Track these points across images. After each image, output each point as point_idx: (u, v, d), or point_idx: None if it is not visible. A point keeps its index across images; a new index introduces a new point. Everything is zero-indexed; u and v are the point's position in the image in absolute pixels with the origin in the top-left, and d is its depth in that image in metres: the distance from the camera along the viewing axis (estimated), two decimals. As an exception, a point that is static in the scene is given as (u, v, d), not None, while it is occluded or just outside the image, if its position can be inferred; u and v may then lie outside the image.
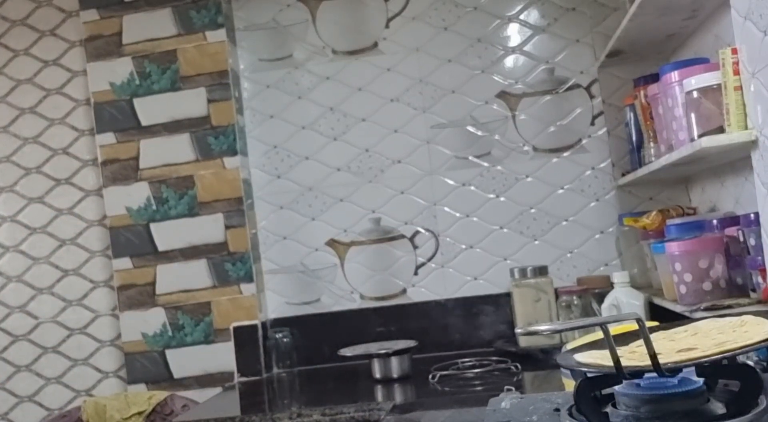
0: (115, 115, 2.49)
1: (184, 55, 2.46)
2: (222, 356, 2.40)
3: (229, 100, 2.44)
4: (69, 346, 2.57)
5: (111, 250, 2.48)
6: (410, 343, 2.17)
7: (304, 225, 2.52)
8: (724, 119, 1.43)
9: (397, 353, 2.11)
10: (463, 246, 2.45)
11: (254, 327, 2.40)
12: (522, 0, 2.46)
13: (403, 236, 2.48)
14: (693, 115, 1.52)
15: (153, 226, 2.46)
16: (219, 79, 2.44)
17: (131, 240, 2.46)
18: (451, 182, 2.46)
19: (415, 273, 2.47)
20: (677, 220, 1.91)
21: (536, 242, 2.42)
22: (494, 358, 2.09)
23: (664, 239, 1.83)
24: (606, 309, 2.01)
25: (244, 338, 2.39)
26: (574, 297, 2.18)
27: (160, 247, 2.45)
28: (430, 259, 2.47)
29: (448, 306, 2.44)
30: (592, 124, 2.41)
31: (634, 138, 2.16)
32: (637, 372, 0.91)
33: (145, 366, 2.44)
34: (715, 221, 1.72)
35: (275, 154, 2.53)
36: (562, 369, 1.28)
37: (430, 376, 2.00)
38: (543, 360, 2.03)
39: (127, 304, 2.46)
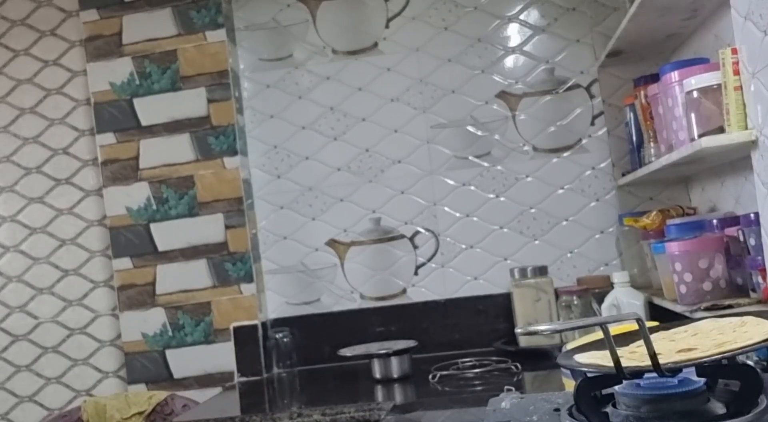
0: (115, 115, 2.49)
1: (184, 55, 2.46)
2: (222, 356, 2.40)
3: (229, 100, 2.44)
4: (69, 346, 2.57)
5: (111, 250, 2.48)
6: (410, 343, 2.16)
7: (304, 225, 2.52)
8: (724, 119, 1.44)
9: (397, 353, 2.11)
10: (463, 246, 2.45)
11: (254, 327, 2.40)
12: (522, 0, 2.46)
13: (403, 236, 2.48)
14: (693, 115, 1.52)
15: (153, 226, 2.46)
16: (219, 79, 2.44)
17: (131, 240, 2.46)
18: (451, 182, 2.46)
19: (415, 273, 2.47)
20: (677, 220, 1.91)
21: (536, 242, 2.42)
22: (494, 358, 2.09)
23: (664, 239, 1.83)
24: (606, 309, 2.01)
25: (244, 338, 2.39)
26: (574, 297, 2.18)
27: (160, 247, 2.45)
28: (430, 259, 2.47)
29: (448, 306, 2.44)
30: (592, 124, 2.41)
31: (634, 138, 2.16)
32: (637, 372, 0.91)
33: (145, 366, 2.44)
34: (715, 221, 1.73)
35: (275, 153, 2.53)
36: (562, 369, 1.28)
37: (430, 376, 2.00)
38: (543, 360, 2.03)
39: (127, 304, 2.46)
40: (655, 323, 1.17)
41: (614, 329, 0.99)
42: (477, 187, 2.45)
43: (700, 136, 1.48)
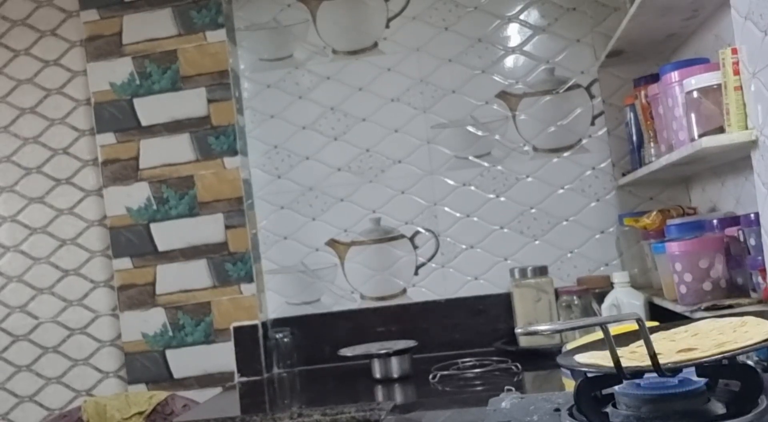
0: (115, 115, 2.49)
1: (185, 55, 2.46)
2: (222, 356, 2.40)
3: (229, 100, 2.44)
4: (69, 346, 2.57)
5: (111, 250, 2.48)
6: (410, 343, 2.17)
7: (305, 225, 2.52)
8: (724, 119, 1.44)
9: (397, 353, 2.11)
10: (464, 246, 2.45)
11: (254, 327, 2.40)
12: (522, 0, 2.46)
13: (403, 236, 2.48)
14: (693, 115, 1.52)
15: (153, 226, 2.46)
16: (219, 79, 2.44)
17: (131, 240, 2.46)
18: (451, 182, 2.46)
19: (416, 273, 2.47)
20: (677, 220, 1.91)
21: (536, 242, 2.42)
22: (494, 358, 2.08)
23: (664, 239, 1.83)
24: (606, 309, 2.01)
25: (245, 338, 2.39)
26: (574, 297, 2.18)
27: (161, 247, 2.45)
28: (430, 259, 2.47)
29: (449, 306, 2.44)
30: (593, 124, 2.41)
31: (634, 138, 2.16)
32: (638, 372, 0.91)
33: (145, 366, 2.44)
34: (715, 221, 1.73)
35: (275, 153, 2.53)
36: (562, 369, 1.28)
37: (431, 376, 2.00)
38: (543, 360, 2.03)
39: (127, 304, 2.46)
40: (655, 323, 1.17)
41: (614, 329, 0.99)
42: (477, 187, 2.45)
43: (700, 136, 1.48)
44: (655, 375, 0.89)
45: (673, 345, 0.97)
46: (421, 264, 2.47)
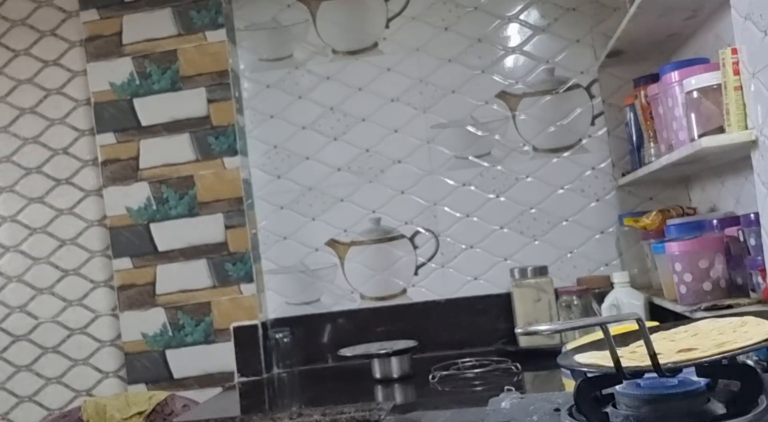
0: (115, 115, 2.49)
1: (184, 55, 2.46)
2: (222, 356, 2.40)
3: (229, 100, 2.44)
4: (69, 346, 2.57)
5: (111, 250, 2.48)
6: (410, 343, 2.16)
7: (304, 225, 2.52)
8: (724, 119, 1.44)
9: (397, 353, 2.11)
10: (464, 247, 2.45)
11: (254, 327, 2.40)
12: (522, 0, 2.46)
13: (403, 236, 2.48)
14: (693, 115, 1.52)
15: (153, 226, 2.46)
16: (219, 79, 2.44)
17: (131, 240, 2.46)
18: (451, 182, 2.47)
19: (416, 273, 2.47)
20: (677, 220, 1.91)
21: (536, 242, 2.42)
22: (494, 358, 2.08)
23: (664, 239, 1.83)
24: (606, 309, 2.01)
25: (245, 338, 2.39)
26: (574, 297, 2.18)
27: (160, 247, 2.45)
28: (430, 259, 2.47)
29: (448, 306, 2.44)
30: (592, 124, 2.41)
31: (634, 138, 2.16)
32: (638, 372, 0.91)
33: (145, 366, 2.44)
34: (715, 221, 1.73)
35: (275, 154, 2.53)
36: (562, 369, 1.28)
37: (431, 376, 2.00)
38: (543, 360, 2.03)
39: (127, 304, 2.46)
40: (655, 323, 1.17)
41: (614, 329, 0.99)
42: (477, 187, 2.45)
43: (700, 136, 1.48)
44: (655, 375, 0.89)
45: (673, 345, 0.97)
46: (421, 264, 2.47)
